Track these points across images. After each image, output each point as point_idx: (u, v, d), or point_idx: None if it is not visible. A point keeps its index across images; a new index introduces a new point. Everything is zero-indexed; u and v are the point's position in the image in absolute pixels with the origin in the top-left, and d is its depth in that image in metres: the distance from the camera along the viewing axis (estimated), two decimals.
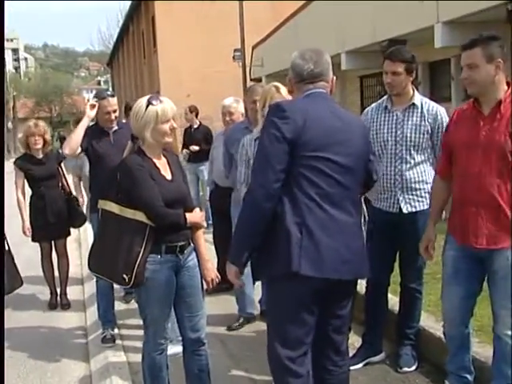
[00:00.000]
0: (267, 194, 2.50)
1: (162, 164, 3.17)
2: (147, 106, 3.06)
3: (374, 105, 3.89)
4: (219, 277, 3.34)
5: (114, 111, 4.60)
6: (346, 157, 2.61)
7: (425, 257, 3.44)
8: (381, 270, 3.81)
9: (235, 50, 19.49)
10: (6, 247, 5.63)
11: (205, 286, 3.34)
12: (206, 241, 3.48)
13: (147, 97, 3.14)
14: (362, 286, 4.06)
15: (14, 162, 5.82)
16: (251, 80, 18.23)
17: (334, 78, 2.86)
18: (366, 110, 3.93)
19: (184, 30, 24.71)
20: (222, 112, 5.31)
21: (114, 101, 4.63)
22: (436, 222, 3.36)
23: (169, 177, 3.15)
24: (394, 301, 4.10)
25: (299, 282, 2.53)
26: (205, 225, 6.31)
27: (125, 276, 2.98)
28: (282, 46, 16.19)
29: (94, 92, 6.20)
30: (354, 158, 2.65)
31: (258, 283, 4.61)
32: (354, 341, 4.14)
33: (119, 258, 3.00)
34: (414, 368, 3.81)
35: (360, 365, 3.88)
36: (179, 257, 3.14)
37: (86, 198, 5.99)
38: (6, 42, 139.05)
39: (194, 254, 3.26)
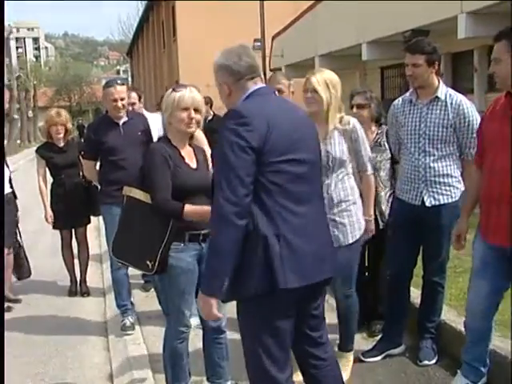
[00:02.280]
0: (239, 209, 2.26)
1: (187, 153, 3.20)
2: (171, 93, 3.10)
3: (400, 98, 3.85)
4: None
5: (122, 99, 4.56)
6: (307, 151, 2.48)
7: (456, 247, 3.39)
8: (403, 263, 3.79)
9: (255, 40, 19.39)
10: (18, 237, 5.73)
11: None
12: None
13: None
14: None
15: (36, 151, 5.87)
16: (271, 70, 18.16)
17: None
18: (394, 102, 3.88)
19: (204, 20, 24.68)
20: None
21: (121, 88, 4.60)
22: (469, 213, 3.32)
23: (194, 165, 3.17)
24: (415, 293, 4.07)
25: (284, 295, 2.36)
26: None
27: (148, 262, 3.00)
28: (303, 37, 16.12)
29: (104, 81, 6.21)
30: (312, 150, 2.53)
31: None
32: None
33: (143, 245, 3.02)
34: (433, 361, 3.78)
35: (379, 357, 3.87)
36: (202, 245, 3.14)
37: None
38: (27, 30, 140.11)
39: None
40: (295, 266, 2.35)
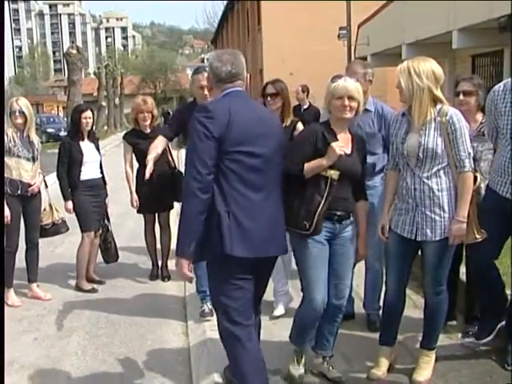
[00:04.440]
0: (202, 185, 2.82)
1: (344, 138, 3.40)
2: (330, 83, 3.36)
3: (502, 83, 3.61)
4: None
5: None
6: (265, 147, 2.97)
7: None
8: (491, 256, 3.61)
9: (340, 29, 19.12)
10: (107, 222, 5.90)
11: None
12: None
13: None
14: None
15: (123, 137, 6.01)
16: (356, 59, 17.84)
17: (249, 75, 3.11)
18: (494, 88, 3.64)
19: (289, 9, 24.51)
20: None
21: None
22: None
23: (348, 151, 3.35)
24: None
25: (233, 262, 2.89)
26: None
27: (305, 222, 3.26)
28: (390, 24, 15.69)
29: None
30: (271, 147, 3.00)
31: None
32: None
33: (302, 206, 3.28)
34: None
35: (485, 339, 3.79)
36: (335, 225, 3.37)
37: None
38: (115, 20, 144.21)
39: (352, 227, 3.46)
40: (241, 239, 2.88)
